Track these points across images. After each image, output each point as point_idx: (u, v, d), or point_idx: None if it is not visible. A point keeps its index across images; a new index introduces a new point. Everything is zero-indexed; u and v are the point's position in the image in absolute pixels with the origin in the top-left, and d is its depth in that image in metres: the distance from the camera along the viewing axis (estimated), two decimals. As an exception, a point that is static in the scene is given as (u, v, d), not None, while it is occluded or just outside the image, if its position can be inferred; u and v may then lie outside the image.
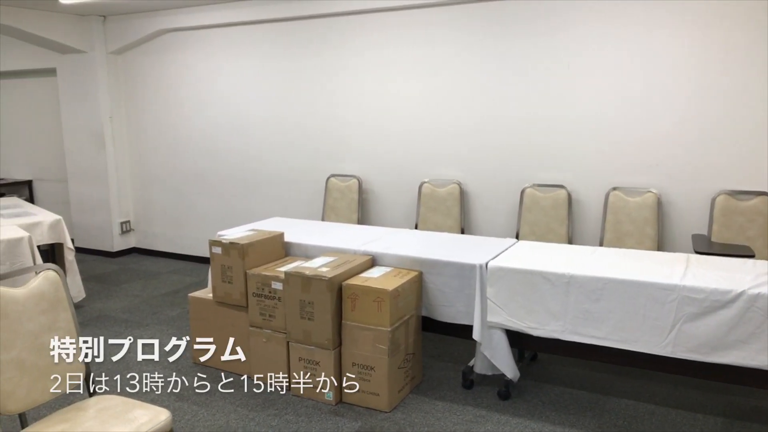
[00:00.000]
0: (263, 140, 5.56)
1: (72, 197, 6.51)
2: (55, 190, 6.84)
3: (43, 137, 6.83)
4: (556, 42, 4.21)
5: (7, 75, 6.92)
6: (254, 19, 5.31)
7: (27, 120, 6.97)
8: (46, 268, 2.29)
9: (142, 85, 6.17)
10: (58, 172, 6.75)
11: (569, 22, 4.15)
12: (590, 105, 4.17)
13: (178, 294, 5.06)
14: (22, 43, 6.23)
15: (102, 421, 2.13)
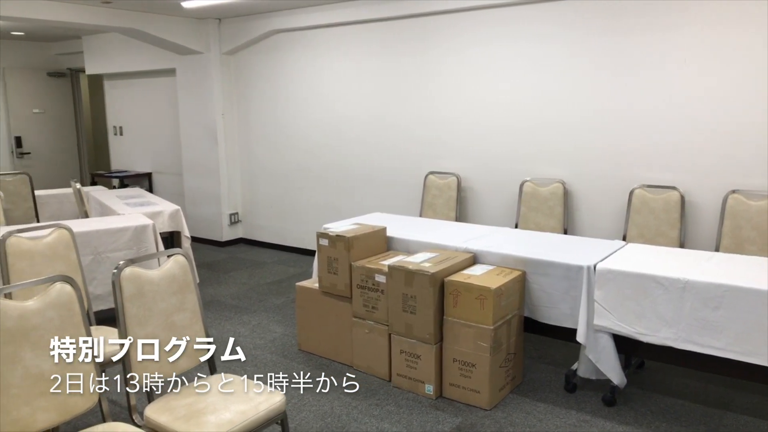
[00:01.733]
0: (364, 137, 5.69)
1: (186, 189, 6.97)
2: (171, 183, 7.35)
3: (162, 133, 7.34)
4: (671, 38, 4.00)
5: (132, 75, 7.50)
6: (357, 19, 5.44)
7: (148, 117, 7.52)
8: (176, 253, 2.48)
9: (252, 83, 6.49)
10: (174, 165, 7.24)
11: (687, 18, 3.93)
12: (708, 102, 3.94)
13: (282, 283, 5.29)
14: (146, 46, 6.74)
15: (224, 397, 2.29)
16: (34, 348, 1.98)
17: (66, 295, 2.10)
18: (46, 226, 3.10)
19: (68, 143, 8.60)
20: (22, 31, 7.25)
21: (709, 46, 3.89)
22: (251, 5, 5.63)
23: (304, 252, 6.27)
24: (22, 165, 7.93)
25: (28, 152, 8.08)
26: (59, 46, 8.33)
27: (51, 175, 8.07)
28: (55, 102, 8.40)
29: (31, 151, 8.10)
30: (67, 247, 3.05)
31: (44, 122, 8.27)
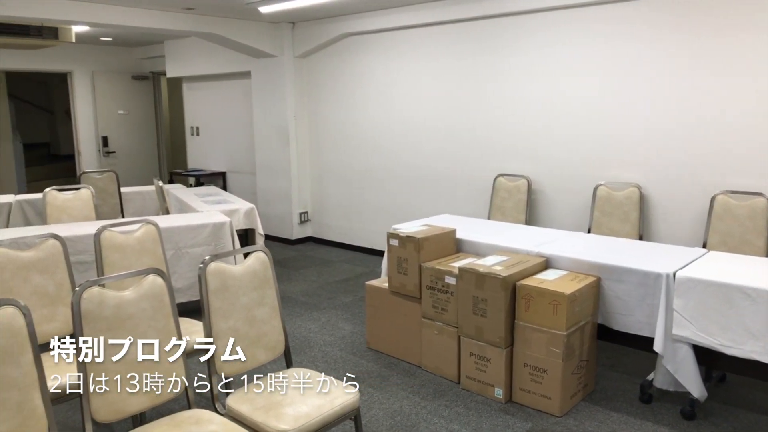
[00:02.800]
0: (433, 139, 5.70)
1: (259, 188, 7.19)
2: (244, 182, 7.60)
3: (237, 134, 7.61)
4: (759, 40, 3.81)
5: (210, 78, 7.81)
6: (429, 21, 5.46)
7: (224, 118, 7.81)
8: (258, 250, 2.58)
9: (323, 85, 6.63)
10: (247, 165, 7.49)
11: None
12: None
13: (350, 282, 5.38)
14: (223, 50, 7.01)
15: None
16: (130, 335, 2.11)
17: (158, 286, 2.23)
18: (136, 222, 3.28)
19: (149, 143, 9.05)
20: (111, 37, 7.69)
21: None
22: (324, 9, 5.75)
23: (371, 251, 6.34)
24: (107, 163, 8.42)
25: (114, 151, 8.57)
26: (143, 51, 8.77)
27: (133, 173, 8.53)
28: (138, 104, 8.86)
29: (116, 150, 8.58)
30: (154, 242, 3.22)
31: (128, 123, 8.74)
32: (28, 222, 5.38)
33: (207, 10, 5.65)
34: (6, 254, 2.71)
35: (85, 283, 2.06)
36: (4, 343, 1.86)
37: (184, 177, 7.94)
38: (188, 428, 2.09)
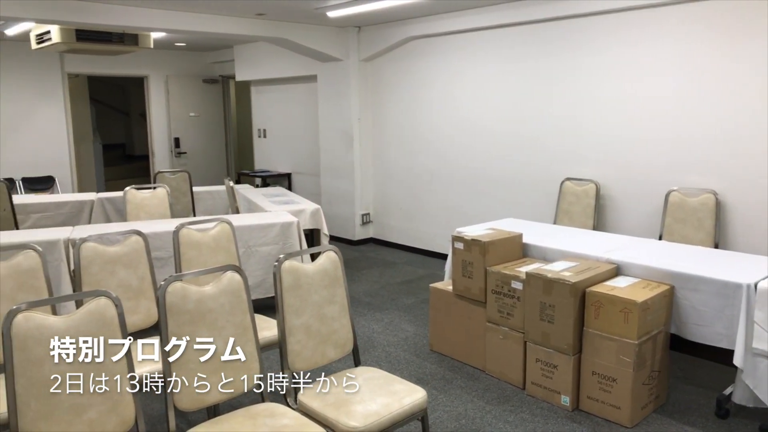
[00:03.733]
0: (496, 141, 5.66)
1: (323, 189, 7.33)
2: (308, 183, 7.76)
3: (302, 136, 7.78)
4: None
5: (277, 81, 8.02)
6: (494, 23, 5.43)
7: (290, 121, 8.00)
8: (329, 249, 2.65)
9: (387, 88, 6.69)
10: (312, 166, 7.64)
11: None
12: None
13: (412, 284, 5.40)
14: (291, 54, 7.18)
15: (369, 389, 2.40)
16: (209, 329, 2.20)
17: (236, 283, 2.32)
18: (212, 220, 3.42)
19: (217, 144, 9.37)
20: (185, 42, 8.01)
21: None
22: (391, 13, 5.81)
23: (432, 254, 6.35)
24: (179, 163, 8.77)
25: (185, 152, 8.92)
26: (213, 55, 9.10)
27: (202, 173, 8.84)
28: (208, 106, 9.19)
29: (187, 151, 8.94)
30: (228, 240, 3.34)
31: (198, 125, 9.09)
32: (108, 219, 5.68)
33: (277, 15, 5.81)
34: (95, 249, 2.89)
35: (170, 277, 2.17)
36: (96, 332, 1.99)
37: (251, 178, 8.18)
38: (263, 421, 2.17)
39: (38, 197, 5.98)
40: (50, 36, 5.66)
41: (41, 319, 1.90)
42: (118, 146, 11.23)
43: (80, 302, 2.71)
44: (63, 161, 7.94)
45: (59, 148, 7.91)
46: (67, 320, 1.95)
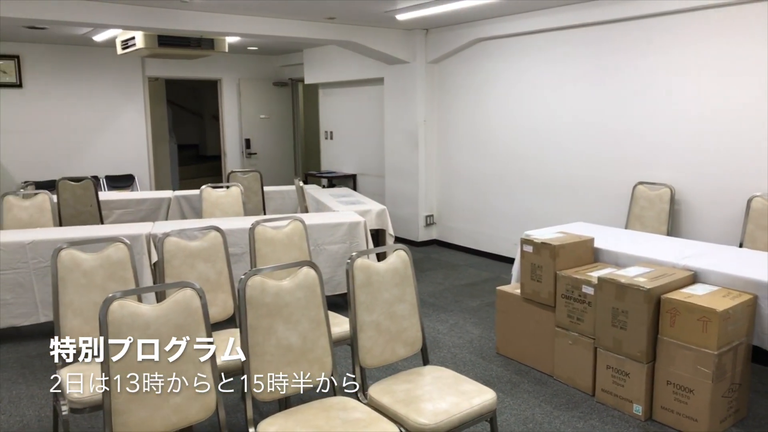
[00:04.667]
0: (566, 144, 5.55)
1: (387, 191, 7.39)
2: (373, 184, 7.84)
3: (368, 138, 7.88)
4: None
5: (344, 84, 8.16)
6: (565, 24, 5.33)
7: (356, 123, 8.11)
8: (399, 248, 2.68)
9: (454, 90, 6.69)
10: (377, 168, 7.72)
11: None
12: None
13: (476, 286, 5.38)
14: (358, 57, 7.29)
15: (438, 387, 2.42)
16: (286, 322, 2.28)
17: (311, 278, 2.39)
18: (285, 218, 3.52)
19: (286, 146, 9.62)
20: (257, 47, 8.27)
21: None
22: (459, 15, 5.81)
23: (496, 257, 6.30)
24: (249, 164, 9.06)
25: (255, 152, 9.21)
26: (283, 59, 9.35)
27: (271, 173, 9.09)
28: (278, 109, 9.45)
29: (257, 152, 9.22)
30: (301, 237, 3.44)
31: (268, 126, 9.35)
32: (183, 215, 5.94)
33: (347, 19, 5.92)
34: (177, 243, 3.04)
35: (249, 272, 2.27)
36: (182, 321, 2.10)
37: (317, 178, 8.35)
38: (336, 414, 2.22)
39: (120, 194, 6.33)
40: (134, 42, 5.98)
41: (134, 307, 2.02)
42: (192, 146, 11.70)
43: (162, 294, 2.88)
44: (142, 160, 8.36)
45: (139, 147, 8.34)
46: (156, 309, 2.07)
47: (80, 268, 2.73)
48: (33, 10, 4.65)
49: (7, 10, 4.54)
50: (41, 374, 3.57)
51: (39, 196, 4.79)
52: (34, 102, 7.58)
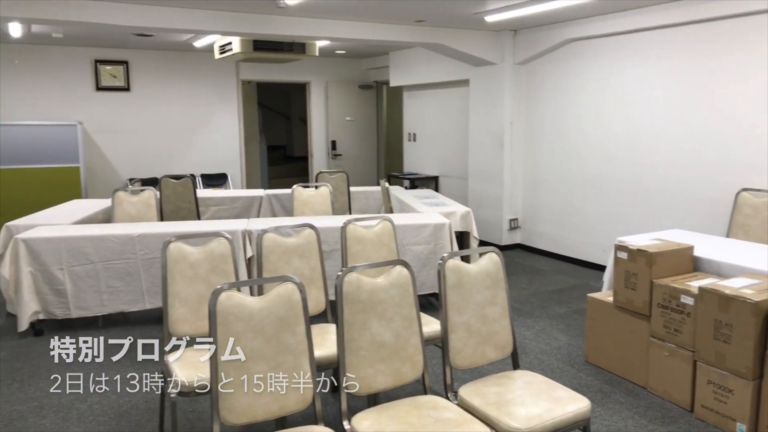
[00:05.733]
0: (663, 148, 5.31)
1: (470, 193, 7.36)
2: (456, 186, 7.82)
3: (451, 140, 7.86)
4: None
5: (429, 86, 8.19)
6: (661, 23, 5.11)
7: (439, 125, 8.12)
8: (491, 251, 2.68)
9: (542, 92, 6.56)
10: (460, 170, 7.70)
11: None
12: None
13: (563, 293, 5.25)
14: (444, 59, 7.30)
15: (530, 392, 2.40)
16: (379, 319, 2.34)
17: (404, 277, 2.43)
18: (375, 218, 3.59)
19: (369, 147, 9.77)
20: (345, 50, 8.46)
21: None
22: (549, 15, 5.70)
23: (584, 263, 6.12)
24: (335, 165, 9.28)
25: (340, 154, 9.42)
26: (369, 62, 9.50)
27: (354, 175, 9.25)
28: (363, 111, 9.62)
29: (342, 153, 9.42)
30: (390, 237, 3.50)
31: (353, 128, 9.54)
32: (274, 213, 6.18)
33: (435, 21, 5.94)
34: (274, 239, 3.17)
35: (346, 269, 2.33)
36: (284, 313, 2.20)
37: (399, 179, 8.42)
38: (427, 412, 2.25)
39: (216, 192, 6.66)
40: (231, 46, 6.28)
41: (240, 298, 2.14)
42: (280, 147, 12.11)
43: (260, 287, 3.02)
44: (235, 160, 8.75)
45: (232, 148, 8.73)
46: (260, 301, 2.17)
47: (186, 260, 2.91)
48: (144, 19, 4.99)
49: (122, 20, 4.89)
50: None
51: (146, 192, 5.13)
52: (140, 104, 8.12)
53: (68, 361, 3.75)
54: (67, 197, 6.87)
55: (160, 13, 5.04)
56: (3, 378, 3.54)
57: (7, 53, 7.35)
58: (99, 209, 5.29)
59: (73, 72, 7.70)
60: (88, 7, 4.77)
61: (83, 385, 3.43)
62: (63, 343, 4.09)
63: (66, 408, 3.17)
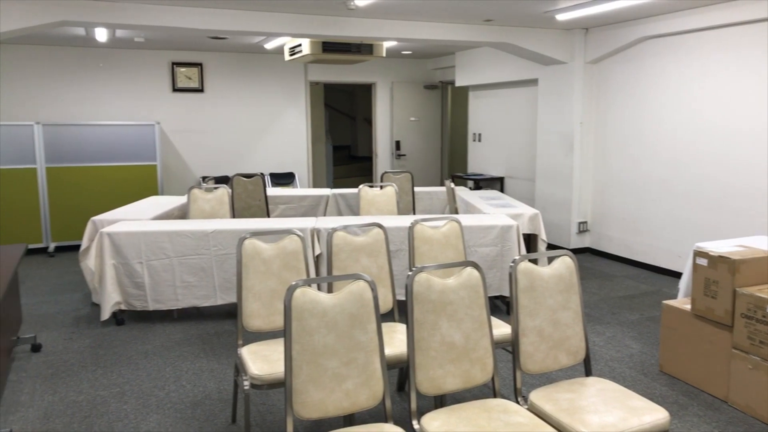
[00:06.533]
0: (743, 150, 5.04)
1: (537, 195, 7.22)
2: (522, 187, 7.70)
3: (517, 140, 7.74)
4: None
5: (495, 86, 8.09)
6: (746, 19, 4.84)
7: (505, 125, 8.01)
8: (565, 254, 2.62)
9: (614, 91, 6.35)
10: (527, 171, 7.57)
11: None
12: None
13: (635, 299, 5.07)
14: (512, 58, 7.20)
15: (603, 400, 2.33)
16: (449, 320, 2.33)
17: (475, 278, 2.42)
18: (442, 218, 3.59)
19: (433, 147, 9.75)
20: (411, 51, 8.48)
21: None
22: (623, 13, 5.51)
23: (657, 269, 5.89)
24: (398, 165, 9.31)
25: (404, 154, 9.44)
26: (434, 62, 9.48)
27: (418, 175, 9.28)
28: (427, 111, 9.60)
29: (406, 153, 9.44)
30: (457, 238, 3.48)
31: (417, 129, 9.54)
32: (340, 212, 6.26)
33: (504, 20, 5.86)
34: (344, 238, 3.22)
35: (416, 269, 2.34)
36: (356, 311, 2.22)
37: (463, 180, 8.37)
38: (497, 415, 2.23)
39: (284, 190, 6.82)
40: (301, 48, 6.41)
41: (314, 294, 2.18)
42: (344, 147, 12.27)
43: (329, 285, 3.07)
44: (301, 159, 8.93)
45: (299, 147, 8.92)
46: (333, 298, 2.21)
47: (260, 257, 2.99)
48: (219, 22, 5.17)
49: (200, 23, 5.09)
50: (219, 351, 3.96)
51: (219, 190, 5.31)
52: (212, 105, 8.41)
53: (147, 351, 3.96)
54: (144, 194, 7.21)
55: (235, 17, 5.21)
56: (88, 364, 3.75)
57: (93, 57, 7.78)
58: (175, 206, 5.52)
59: (151, 74, 8.07)
60: (168, 12, 4.99)
61: (161, 374, 3.60)
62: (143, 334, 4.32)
63: (146, 395, 3.33)
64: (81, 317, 4.63)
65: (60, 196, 6.93)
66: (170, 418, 3.07)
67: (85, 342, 4.12)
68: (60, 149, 6.90)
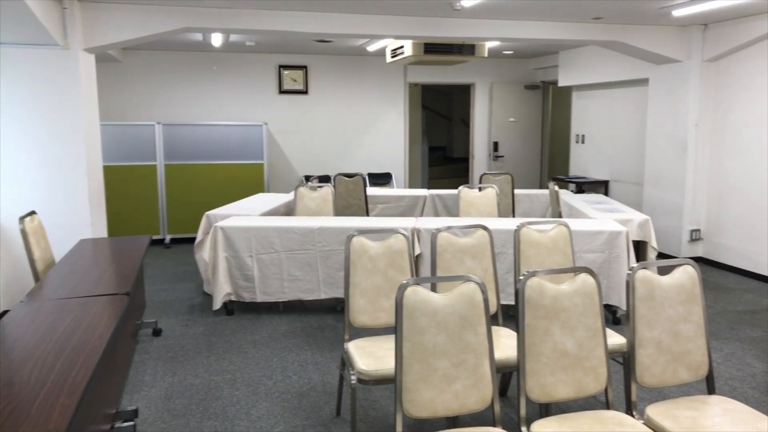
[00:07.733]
0: None
1: (645, 199, 6.87)
2: (628, 192, 7.35)
3: (624, 142, 7.40)
4: None
5: (601, 86, 7.78)
6: None
7: (611, 126, 7.68)
8: (687, 263, 2.48)
9: (735, 91, 5.92)
10: (634, 174, 7.22)
11: None
12: None
13: (757, 314, 4.71)
14: (620, 57, 6.89)
15: (731, 421, 2.18)
16: (562, 327, 2.27)
17: (590, 285, 2.34)
18: (550, 222, 3.50)
19: (532, 149, 9.53)
20: (512, 50, 8.33)
21: None
22: (747, 7, 5.13)
23: (782, 284, 5.45)
24: (496, 166, 9.19)
25: (502, 155, 9.30)
26: (536, 62, 9.26)
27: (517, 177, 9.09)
28: (527, 112, 9.40)
29: (504, 155, 9.30)
30: (565, 242, 3.38)
31: (516, 130, 9.37)
32: (436, 213, 6.27)
33: (614, 18, 5.63)
34: (448, 239, 3.22)
35: (528, 273, 2.30)
36: (466, 312, 2.22)
37: (564, 183, 8.11)
38: (612, 428, 2.15)
39: (383, 190, 6.92)
40: (403, 50, 6.47)
41: (425, 294, 2.20)
42: (440, 148, 12.26)
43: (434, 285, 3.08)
44: (398, 160, 9.02)
45: (396, 148, 9.01)
46: (444, 298, 2.22)
47: (367, 254, 3.05)
48: (328, 26, 5.33)
49: (309, 27, 5.27)
50: (323, 344, 4.09)
51: (324, 188, 5.48)
52: (315, 106, 8.68)
53: (256, 341, 4.16)
54: (251, 190, 7.56)
55: (342, 20, 5.35)
56: (202, 350, 3.99)
57: (207, 61, 8.26)
58: (281, 203, 5.75)
59: (260, 77, 8.45)
60: (280, 17, 5.21)
61: (269, 364, 3.77)
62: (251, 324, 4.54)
63: (255, 383, 3.49)
64: (195, 306, 4.93)
65: (175, 191, 7.42)
66: (278, 407, 3.20)
67: (199, 329, 4.38)
68: (176, 147, 7.38)
